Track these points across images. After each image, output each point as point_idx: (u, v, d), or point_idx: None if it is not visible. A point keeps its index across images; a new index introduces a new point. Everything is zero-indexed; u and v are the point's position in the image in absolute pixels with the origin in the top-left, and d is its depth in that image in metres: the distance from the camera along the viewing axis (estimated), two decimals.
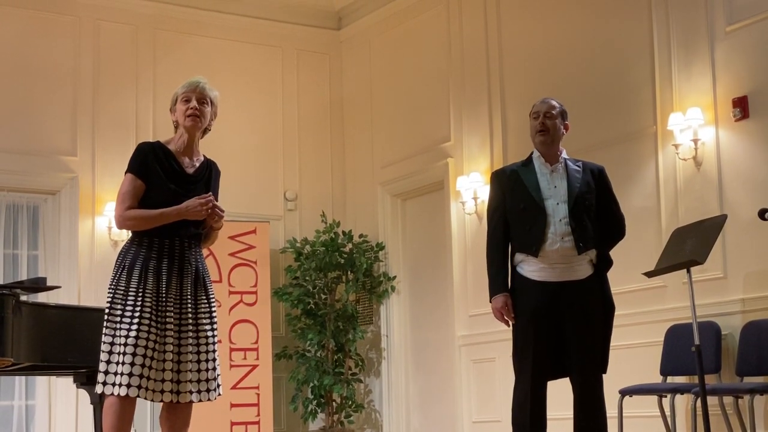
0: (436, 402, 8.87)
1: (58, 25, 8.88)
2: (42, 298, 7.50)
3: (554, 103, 4.87)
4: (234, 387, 8.55)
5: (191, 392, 4.12)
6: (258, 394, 8.70)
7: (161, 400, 4.07)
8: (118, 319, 4.05)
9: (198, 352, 4.16)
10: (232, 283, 8.79)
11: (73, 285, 8.51)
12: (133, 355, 3.98)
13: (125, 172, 4.21)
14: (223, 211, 4.24)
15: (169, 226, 4.16)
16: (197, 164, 4.32)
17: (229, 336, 8.63)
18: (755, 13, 6.44)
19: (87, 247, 8.67)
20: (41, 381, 8.43)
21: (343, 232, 9.33)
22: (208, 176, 4.36)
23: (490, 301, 4.82)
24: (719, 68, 6.61)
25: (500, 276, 4.80)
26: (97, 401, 5.62)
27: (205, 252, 4.41)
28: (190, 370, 4.12)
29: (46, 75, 8.77)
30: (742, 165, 6.45)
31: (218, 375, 4.24)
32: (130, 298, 4.06)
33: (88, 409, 6.21)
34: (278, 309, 9.31)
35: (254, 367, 8.73)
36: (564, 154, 4.87)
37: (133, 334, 4.00)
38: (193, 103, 4.26)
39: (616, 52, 7.36)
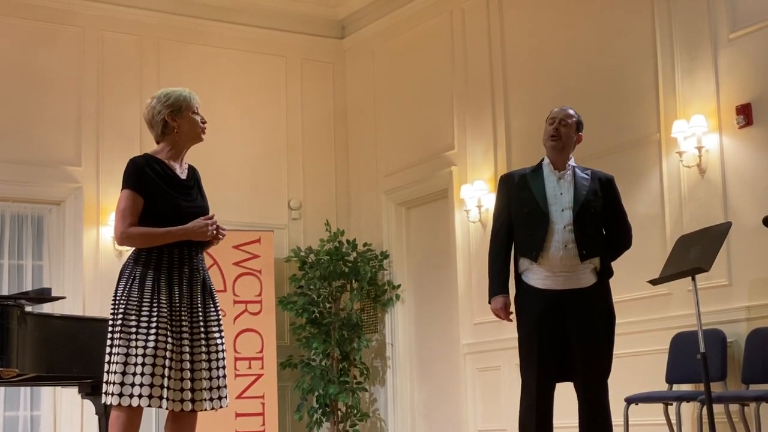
0: (441, 410, 8.86)
1: (63, 35, 8.90)
2: (47, 308, 7.51)
3: (571, 112, 4.90)
4: (239, 396, 8.54)
5: (204, 400, 4.13)
6: (263, 404, 8.69)
7: (181, 409, 4.07)
8: (134, 330, 4.03)
9: (209, 360, 4.17)
10: (236, 292, 8.79)
11: (78, 295, 8.52)
12: (153, 365, 3.98)
13: (122, 188, 4.17)
14: (225, 231, 4.27)
15: None
16: (186, 169, 4.35)
17: (234, 345, 8.63)
18: (759, 20, 6.44)
19: (92, 258, 8.67)
20: (46, 392, 8.43)
21: (348, 241, 9.33)
22: (197, 180, 4.38)
23: (489, 302, 4.85)
24: (723, 75, 6.61)
25: (500, 277, 4.84)
26: (103, 412, 5.63)
27: (209, 261, 4.42)
28: (203, 378, 4.13)
29: (51, 85, 8.79)
30: (747, 172, 6.45)
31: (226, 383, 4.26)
32: (144, 308, 4.06)
33: (93, 420, 6.21)
34: (283, 318, 9.31)
35: (259, 376, 8.73)
36: (572, 161, 4.90)
37: (151, 344, 4.00)
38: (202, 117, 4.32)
39: (620, 59, 7.36)
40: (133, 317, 4.05)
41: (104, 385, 4.07)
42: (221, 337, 4.25)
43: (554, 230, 4.73)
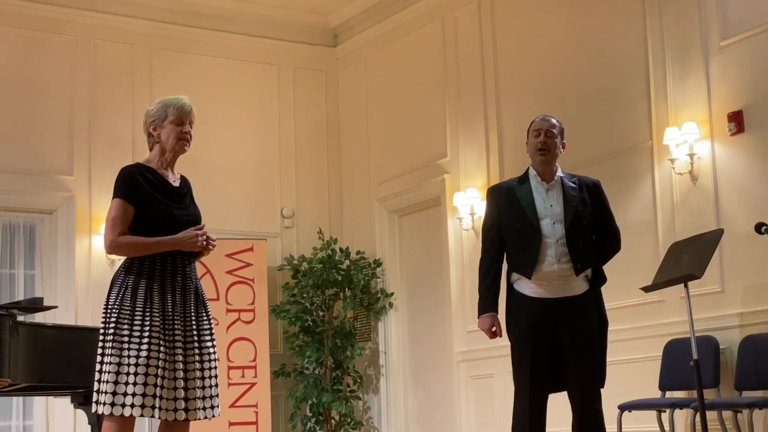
0: (435, 418, 8.85)
1: (55, 44, 8.89)
2: (39, 318, 7.49)
3: (554, 121, 4.88)
4: (232, 405, 8.53)
5: (198, 409, 4.11)
6: (256, 413, 8.67)
7: (174, 419, 4.06)
8: (126, 339, 4.02)
9: (202, 369, 4.17)
10: (229, 300, 8.78)
11: (71, 305, 8.49)
12: (146, 375, 3.97)
13: (113, 197, 4.17)
14: (215, 241, 4.27)
15: None
16: (178, 177, 4.35)
17: (227, 354, 8.61)
18: (749, 27, 6.46)
19: (84, 267, 8.65)
20: (39, 401, 8.40)
21: (341, 249, 9.32)
22: (188, 189, 4.38)
23: (478, 319, 4.84)
24: (714, 83, 6.62)
25: (490, 295, 4.82)
26: (95, 421, 5.62)
27: (202, 270, 4.41)
28: (197, 387, 4.12)
29: (43, 94, 8.77)
30: (738, 179, 6.46)
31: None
32: (137, 317, 4.04)
33: (86, 430, 6.19)
34: (276, 326, 9.29)
35: (252, 385, 8.71)
36: (559, 171, 4.88)
37: (143, 353, 3.99)
38: (188, 127, 4.28)
39: (611, 67, 7.38)
40: (126, 326, 4.04)
41: (96, 394, 4.06)
42: (213, 347, 4.24)
43: (547, 244, 4.70)
